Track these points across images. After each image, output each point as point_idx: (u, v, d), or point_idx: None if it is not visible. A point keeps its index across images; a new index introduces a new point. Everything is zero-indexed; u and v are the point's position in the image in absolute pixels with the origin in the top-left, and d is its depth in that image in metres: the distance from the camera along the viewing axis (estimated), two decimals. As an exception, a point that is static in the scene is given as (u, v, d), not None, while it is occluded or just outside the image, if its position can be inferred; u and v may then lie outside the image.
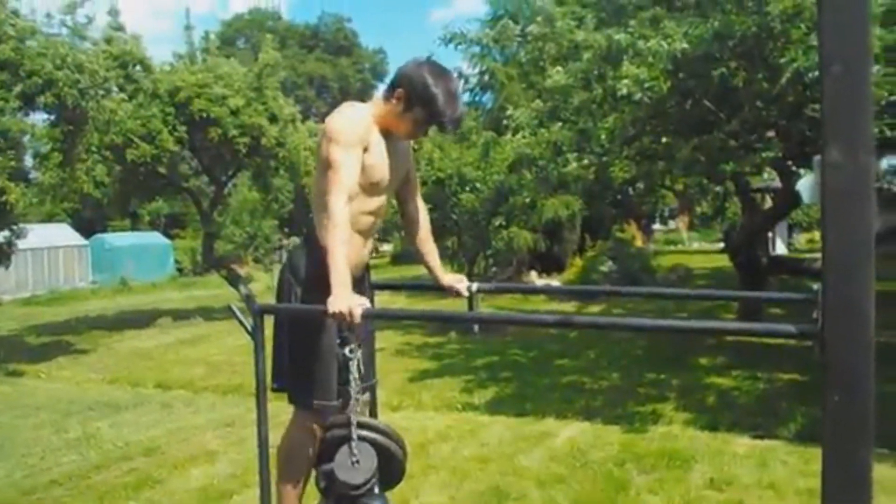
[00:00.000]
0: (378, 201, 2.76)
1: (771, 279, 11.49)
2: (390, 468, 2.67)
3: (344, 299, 2.33)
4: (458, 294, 3.02)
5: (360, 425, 2.58)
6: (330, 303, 2.33)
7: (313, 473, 2.78)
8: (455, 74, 3.00)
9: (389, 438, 2.66)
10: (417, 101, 2.61)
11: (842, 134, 1.42)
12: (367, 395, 2.95)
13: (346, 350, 2.60)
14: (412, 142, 2.96)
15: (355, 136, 2.57)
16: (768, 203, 13.03)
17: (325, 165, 2.56)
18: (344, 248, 2.42)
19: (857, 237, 1.43)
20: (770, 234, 16.65)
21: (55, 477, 5.11)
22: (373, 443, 2.59)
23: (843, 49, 1.42)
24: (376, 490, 2.58)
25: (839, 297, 1.45)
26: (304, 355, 2.67)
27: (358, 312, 2.31)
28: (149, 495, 4.73)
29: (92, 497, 4.69)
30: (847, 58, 1.42)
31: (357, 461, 2.52)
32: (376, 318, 2.53)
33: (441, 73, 2.67)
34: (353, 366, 2.59)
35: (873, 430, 1.45)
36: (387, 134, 2.70)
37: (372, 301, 2.91)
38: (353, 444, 2.53)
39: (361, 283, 2.80)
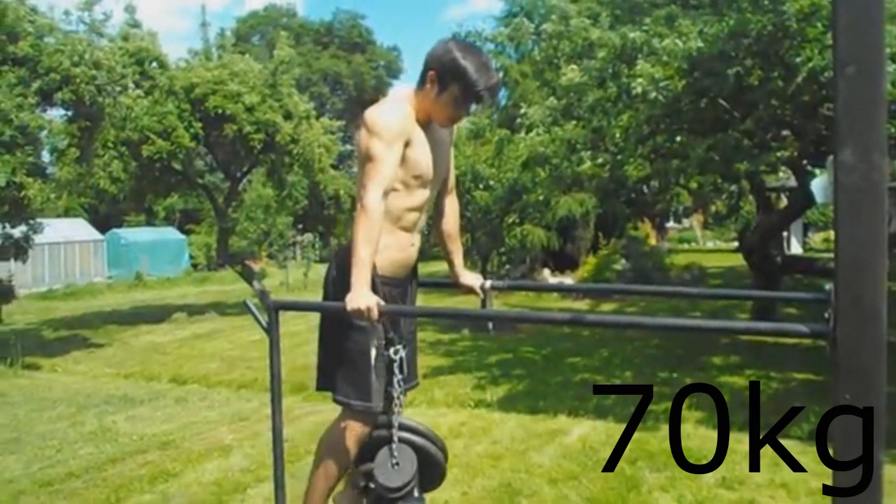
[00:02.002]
0: (423, 196, 2.67)
1: (786, 278, 11.44)
2: (430, 471, 2.64)
3: (362, 297, 2.32)
4: (471, 291, 3.01)
5: (402, 427, 2.55)
6: (348, 300, 2.33)
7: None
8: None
9: (430, 441, 2.64)
10: (450, 77, 2.52)
11: (855, 135, 1.42)
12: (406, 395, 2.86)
13: (391, 351, 2.55)
14: (453, 136, 2.85)
15: (397, 130, 2.49)
16: (784, 202, 12.97)
17: (365, 158, 2.50)
18: (371, 247, 2.39)
19: (870, 237, 1.43)
20: (785, 234, 16.59)
21: (72, 469, 5.17)
22: (413, 445, 2.56)
23: (857, 50, 1.43)
24: (416, 493, 2.54)
25: (851, 297, 1.45)
26: (348, 356, 2.60)
27: (375, 311, 2.31)
28: (163, 488, 4.77)
29: (108, 489, 4.74)
30: (861, 59, 1.42)
31: (397, 463, 2.50)
32: (392, 315, 2.50)
33: (468, 46, 2.64)
34: (397, 367, 2.55)
35: (884, 430, 1.45)
36: (426, 126, 2.62)
37: (414, 300, 2.87)
38: (394, 446, 2.51)
39: (409, 284, 2.76)
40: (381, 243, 2.53)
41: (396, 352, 2.56)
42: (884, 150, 1.43)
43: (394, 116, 2.53)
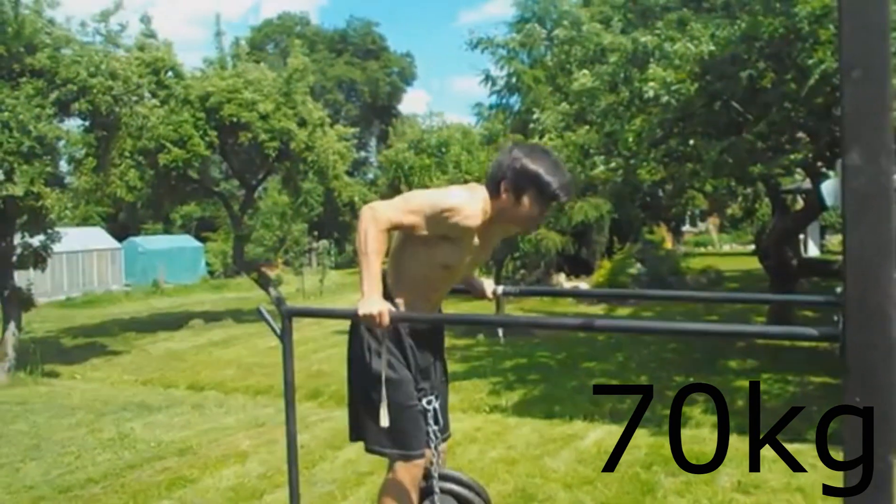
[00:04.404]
0: (449, 280, 2.72)
1: (802, 281, 11.36)
2: None
3: (374, 303, 2.34)
4: (483, 297, 3.03)
5: (444, 478, 2.54)
6: (360, 305, 2.35)
7: None
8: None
9: (474, 492, 2.62)
10: (523, 183, 2.50)
11: (862, 138, 1.43)
12: (443, 445, 2.86)
13: (424, 402, 2.55)
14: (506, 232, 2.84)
15: (442, 214, 2.47)
16: (801, 204, 12.89)
17: (412, 194, 2.56)
18: (377, 257, 2.42)
19: (878, 240, 1.43)
20: (802, 236, 16.48)
21: (91, 475, 5.21)
22: (457, 496, 2.55)
23: (863, 53, 1.43)
24: None
25: (860, 300, 1.45)
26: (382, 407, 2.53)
27: (387, 317, 2.33)
28: (181, 494, 4.80)
29: (126, 495, 4.78)
30: (867, 62, 1.43)
31: None
32: (404, 322, 2.50)
33: (533, 148, 2.63)
34: (431, 417, 2.55)
35: (895, 433, 1.45)
36: (488, 225, 2.57)
37: (444, 363, 2.85)
38: (436, 497, 2.50)
39: (435, 330, 2.77)
40: (404, 303, 2.57)
41: (430, 402, 2.57)
42: (891, 153, 1.43)
43: (458, 207, 2.48)
